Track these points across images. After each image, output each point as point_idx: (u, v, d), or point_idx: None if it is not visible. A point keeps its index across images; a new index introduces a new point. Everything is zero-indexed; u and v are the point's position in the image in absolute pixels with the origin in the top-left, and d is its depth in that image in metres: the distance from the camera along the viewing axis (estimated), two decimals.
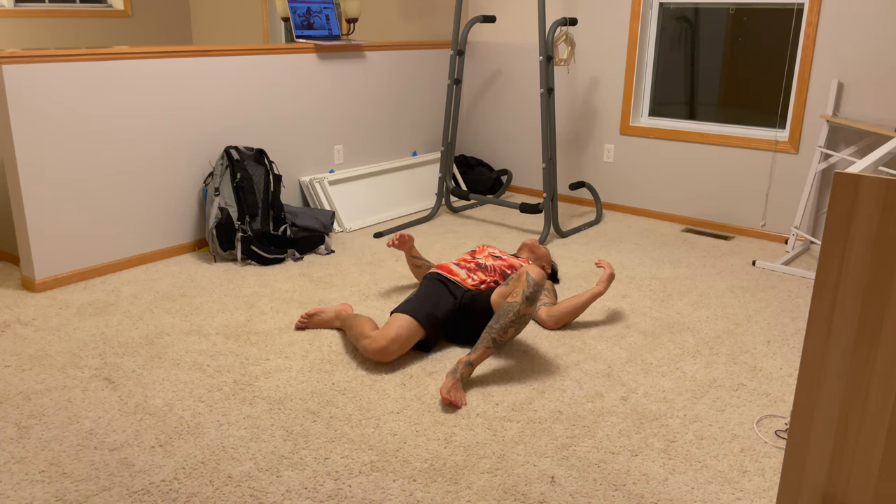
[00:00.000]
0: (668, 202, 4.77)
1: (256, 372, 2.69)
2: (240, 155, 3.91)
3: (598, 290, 3.06)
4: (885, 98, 3.87)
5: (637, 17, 4.62)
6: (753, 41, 4.36)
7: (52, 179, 3.41)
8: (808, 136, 4.15)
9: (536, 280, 2.57)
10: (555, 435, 2.31)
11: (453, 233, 4.46)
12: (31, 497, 1.99)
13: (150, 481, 2.06)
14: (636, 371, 2.74)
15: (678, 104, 4.73)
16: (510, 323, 2.55)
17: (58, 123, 3.38)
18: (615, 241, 4.33)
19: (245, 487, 2.04)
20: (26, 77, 3.25)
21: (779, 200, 4.33)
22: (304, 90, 4.42)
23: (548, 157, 4.23)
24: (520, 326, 2.58)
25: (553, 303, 3.15)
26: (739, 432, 2.35)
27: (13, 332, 3.00)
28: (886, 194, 1.18)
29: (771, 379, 2.70)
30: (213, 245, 3.84)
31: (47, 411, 2.41)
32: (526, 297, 2.55)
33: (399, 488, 2.05)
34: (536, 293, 2.56)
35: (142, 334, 2.99)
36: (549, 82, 4.15)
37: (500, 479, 2.10)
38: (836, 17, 3.94)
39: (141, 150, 3.72)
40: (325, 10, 4.56)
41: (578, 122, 5.04)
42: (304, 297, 3.40)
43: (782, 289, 3.59)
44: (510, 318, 2.55)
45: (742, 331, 3.11)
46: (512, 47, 5.21)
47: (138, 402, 2.48)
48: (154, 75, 3.70)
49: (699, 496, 2.03)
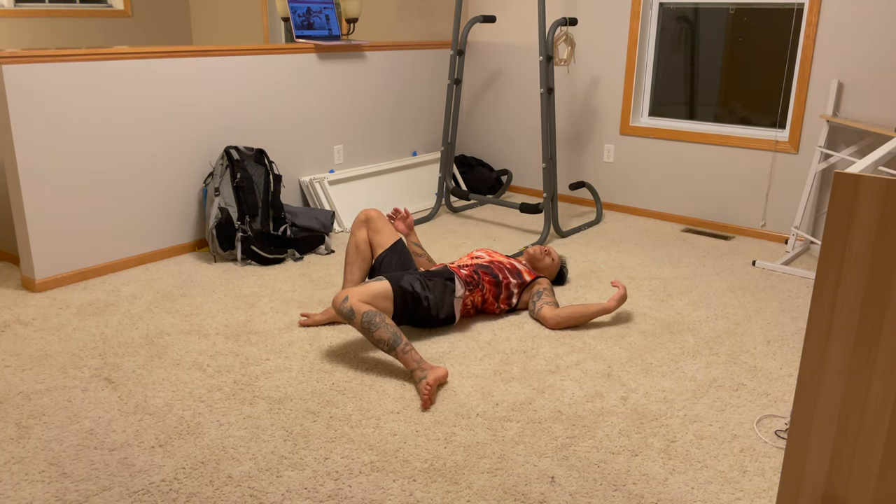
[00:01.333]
0: (668, 202, 4.77)
1: (256, 372, 2.69)
2: (240, 155, 3.91)
3: (608, 306, 3.07)
4: (885, 98, 3.87)
5: (637, 17, 4.62)
6: (753, 41, 4.36)
7: (52, 179, 3.41)
8: (808, 136, 4.15)
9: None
10: (555, 435, 2.31)
11: (453, 233, 4.46)
12: (31, 497, 1.99)
13: (150, 481, 2.06)
14: (636, 371, 2.74)
15: (678, 104, 4.73)
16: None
17: (58, 123, 3.38)
18: (615, 241, 4.33)
19: (245, 487, 2.04)
20: (26, 77, 3.25)
21: (779, 200, 4.33)
22: (304, 90, 4.42)
23: (548, 157, 4.23)
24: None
25: (554, 303, 3.15)
26: (739, 432, 2.34)
27: (13, 332, 3.00)
28: (886, 194, 1.18)
29: (771, 379, 2.70)
30: (213, 245, 3.84)
31: (47, 411, 2.41)
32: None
33: (399, 488, 2.05)
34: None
35: (142, 334, 2.99)
36: (549, 82, 4.15)
37: (500, 479, 2.10)
38: (836, 17, 3.94)
39: (141, 150, 3.72)
40: (325, 10, 4.56)
41: (578, 122, 5.04)
42: (304, 296, 3.40)
43: (782, 289, 3.59)
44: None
45: (742, 331, 3.11)
46: (512, 47, 5.21)
47: (138, 402, 2.48)
48: (154, 75, 3.70)
49: (699, 496, 2.04)
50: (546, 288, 3.22)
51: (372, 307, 2.63)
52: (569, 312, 3.05)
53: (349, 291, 2.65)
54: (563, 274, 3.54)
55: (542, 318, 3.09)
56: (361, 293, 2.65)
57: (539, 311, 3.10)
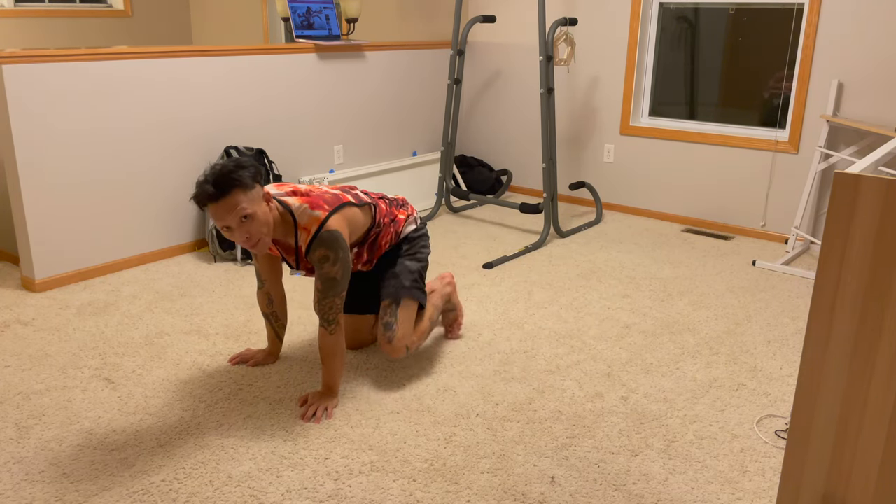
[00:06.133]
0: (668, 202, 4.77)
1: (256, 372, 2.69)
2: (240, 155, 3.91)
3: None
4: (885, 98, 3.87)
5: (637, 17, 4.61)
6: (753, 41, 4.36)
7: (51, 179, 3.41)
8: (808, 136, 4.15)
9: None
10: (555, 435, 2.31)
11: (453, 233, 4.46)
12: (31, 497, 1.99)
13: (150, 481, 2.06)
14: (636, 371, 2.74)
15: (678, 104, 4.73)
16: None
17: (58, 123, 3.38)
18: (615, 241, 4.33)
19: (245, 487, 2.04)
20: (26, 77, 3.25)
21: (779, 200, 4.33)
22: (304, 90, 4.42)
23: (548, 157, 4.23)
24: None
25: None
26: (739, 432, 2.34)
27: (13, 332, 3.00)
28: (886, 194, 1.17)
29: (771, 379, 2.70)
30: (213, 245, 3.84)
31: (47, 411, 2.41)
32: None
33: (399, 488, 2.05)
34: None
35: (142, 334, 2.99)
36: (549, 82, 4.15)
37: (500, 479, 2.10)
38: (836, 17, 3.94)
39: (141, 150, 3.72)
40: (325, 10, 4.56)
41: (578, 121, 5.04)
42: (304, 296, 3.40)
43: (782, 289, 3.59)
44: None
45: (742, 331, 3.11)
46: (512, 47, 5.21)
47: (138, 402, 2.48)
48: (154, 75, 3.70)
49: (699, 496, 2.03)
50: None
51: (415, 337, 2.67)
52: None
53: (406, 341, 2.61)
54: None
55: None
56: (405, 332, 2.61)
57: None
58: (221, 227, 2.23)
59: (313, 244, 2.34)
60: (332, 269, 2.35)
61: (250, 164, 2.27)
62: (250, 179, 2.23)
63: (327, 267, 2.34)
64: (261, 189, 2.29)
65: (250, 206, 2.22)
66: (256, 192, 2.25)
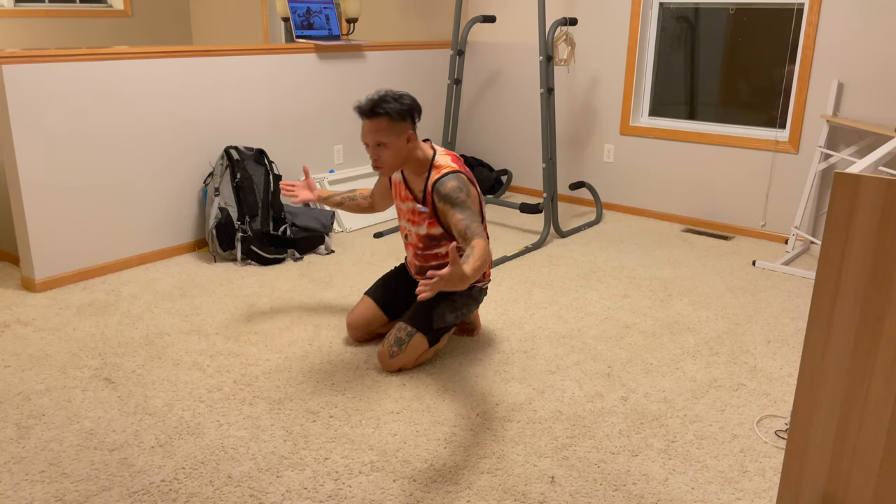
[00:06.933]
0: (668, 202, 4.77)
1: (256, 372, 2.69)
2: (240, 155, 3.91)
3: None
4: (885, 98, 3.87)
5: (637, 17, 4.61)
6: (753, 41, 4.36)
7: (51, 179, 3.41)
8: (808, 136, 4.15)
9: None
10: (555, 435, 2.31)
11: None
12: (31, 497, 1.99)
13: (150, 481, 2.06)
14: (636, 371, 2.74)
15: (678, 104, 4.73)
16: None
17: (58, 123, 3.38)
18: (615, 241, 4.33)
19: (245, 487, 2.04)
20: (26, 77, 3.25)
21: (779, 200, 4.33)
22: (304, 90, 4.42)
23: (548, 157, 4.23)
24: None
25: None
26: (739, 432, 2.34)
27: (13, 332, 3.00)
28: (886, 194, 1.17)
29: (771, 379, 2.70)
30: (213, 245, 3.84)
31: (47, 411, 2.41)
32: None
33: (399, 488, 2.05)
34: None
35: (142, 334, 2.99)
36: (549, 82, 4.15)
37: (500, 479, 2.10)
38: (836, 17, 3.94)
39: (141, 150, 3.72)
40: (325, 10, 4.56)
41: (578, 122, 5.04)
42: (304, 297, 3.40)
43: (782, 289, 3.59)
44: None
45: (742, 331, 3.11)
46: (512, 47, 5.21)
47: (138, 402, 2.48)
48: (154, 75, 3.70)
49: (699, 496, 2.03)
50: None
51: (411, 364, 2.71)
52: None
53: (403, 364, 2.70)
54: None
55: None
56: (407, 360, 2.70)
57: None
58: (363, 141, 2.50)
59: (442, 178, 2.52)
60: (467, 199, 2.48)
61: (409, 102, 2.50)
62: (398, 115, 2.46)
63: (461, 196, 2.48)
64: (408, 126, 2.50)
65: (387, 137, 2.46)
66: (401, 127, 2.48)
